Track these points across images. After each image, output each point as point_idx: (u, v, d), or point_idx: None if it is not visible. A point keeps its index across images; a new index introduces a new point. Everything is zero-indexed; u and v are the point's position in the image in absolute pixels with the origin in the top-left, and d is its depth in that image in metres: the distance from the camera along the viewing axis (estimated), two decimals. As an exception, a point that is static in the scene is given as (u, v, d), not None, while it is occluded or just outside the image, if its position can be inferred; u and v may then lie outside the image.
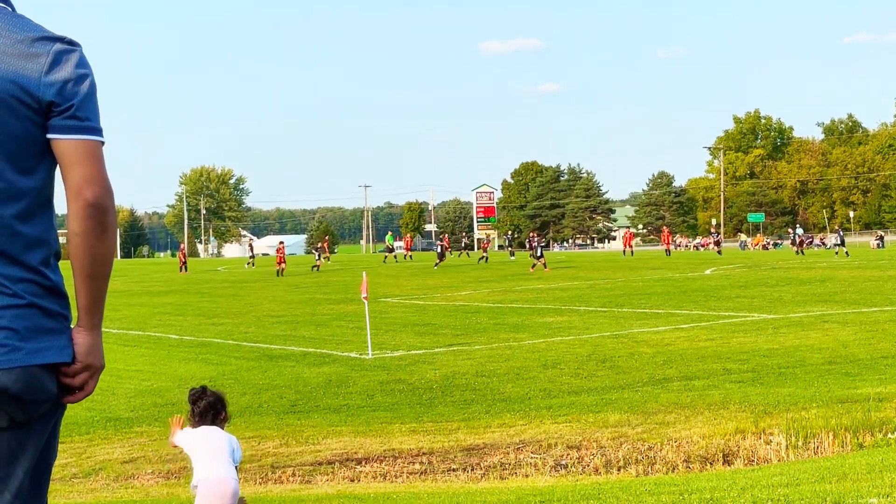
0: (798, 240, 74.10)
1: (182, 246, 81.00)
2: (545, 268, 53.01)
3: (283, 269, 59.96)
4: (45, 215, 3.26)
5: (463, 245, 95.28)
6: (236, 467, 6.81)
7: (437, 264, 62.63)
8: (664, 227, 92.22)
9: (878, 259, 57.92)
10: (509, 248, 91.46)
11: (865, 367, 18.23)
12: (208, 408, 7.03)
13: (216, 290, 46.71)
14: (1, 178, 3.16)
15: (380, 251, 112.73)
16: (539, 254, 54.71)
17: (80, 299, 3.29)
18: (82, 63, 3.23)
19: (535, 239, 59.01)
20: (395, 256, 76.70)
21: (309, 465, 12.18)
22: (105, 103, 3.33)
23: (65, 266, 3.25)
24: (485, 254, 73.29)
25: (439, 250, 68.48)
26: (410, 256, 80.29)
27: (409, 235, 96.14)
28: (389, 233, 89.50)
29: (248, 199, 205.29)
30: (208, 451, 6.77)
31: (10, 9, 3.26)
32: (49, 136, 3.18)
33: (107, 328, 28.58)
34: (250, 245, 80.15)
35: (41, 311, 3.18)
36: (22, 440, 3.19)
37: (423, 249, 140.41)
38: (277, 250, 65.18)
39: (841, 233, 68.40)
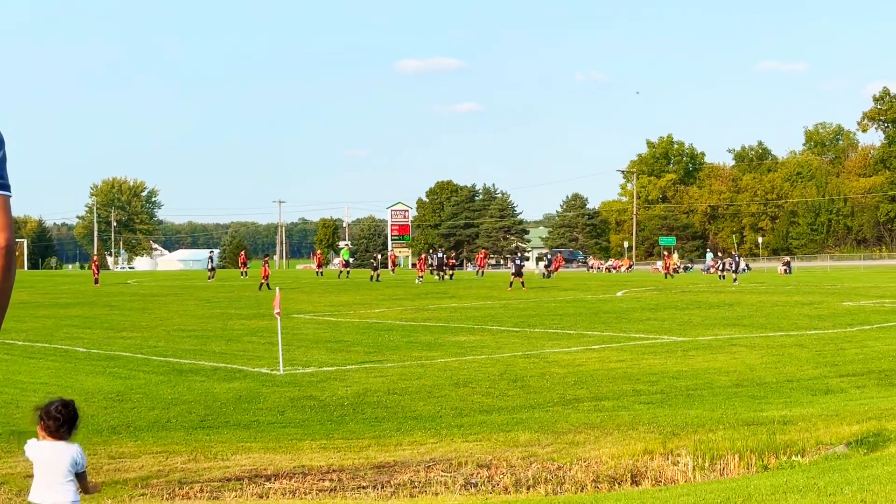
0: (724, 264, 74.27)
1: (95, 258, 79.29)
2: (523, 286, 53.24)
3: (268, 283, 55.92)
4: None
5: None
6: (83, 472, 7.01)
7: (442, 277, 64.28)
8: (559, 255, 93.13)
9: (784, 285, 58.98)
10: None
11: (771, 390, 18.55)
12: (70, 422, 7.08)
13: (126, 303, 46.08)
14: None
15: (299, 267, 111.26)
16: (517, 272, 54.86)
17: None
18: None
19: (518, 257, 59.39)
20: (349, 272, 75.89)
21: (217, 482, 12.05)
22: (14, 109, 3.47)
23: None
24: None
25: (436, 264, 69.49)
26: (321, 273, 79.92)
27: (319, 252, 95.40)
28: (345, 247, 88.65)
29: (161, 213, 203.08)
30: (46, 473, 6.97)
31: None
32: None
33: (11, 340, 28.08)
34: (210, 258, 78.41)
35: None
36: None
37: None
38: (265, 263, 61.09)
39: (727, 260, 68.64)
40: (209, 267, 74.45)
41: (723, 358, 22.93)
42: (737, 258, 66.68)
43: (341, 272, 77.22)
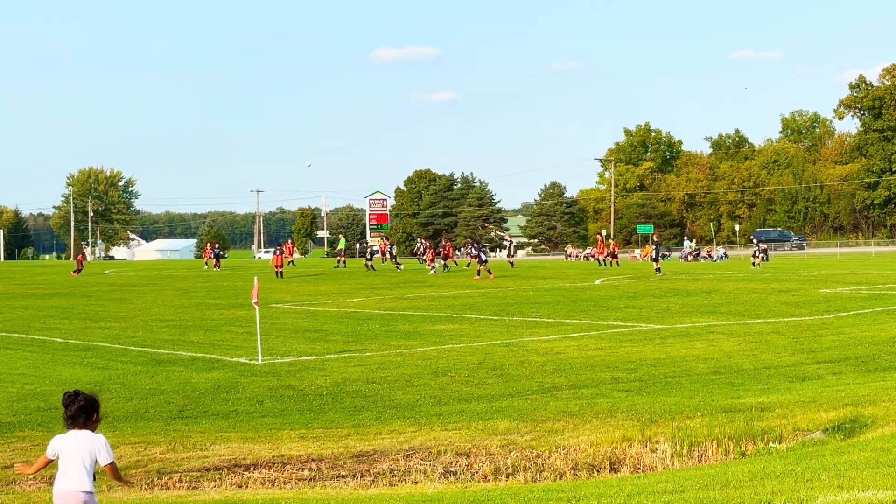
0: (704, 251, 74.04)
1: (83, 249, 79.00)
2: (490, 274, 52.79)
3: (281, 272, 57.78)
4: None
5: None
6: (112, 463, 7.26)
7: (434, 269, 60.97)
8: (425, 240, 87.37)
9: (761, 272, 59.17)
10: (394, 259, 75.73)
11: (749, 377, 18.63)
12: (80, 411, 7.32)
13: (103, 293, 45.88)
14: None
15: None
16: (483, 260, 54.42)
17: None
18: None
19: (478, 245, 58.73)
20: (345, 262, 74.63)
21: (196, 471, 12.04)
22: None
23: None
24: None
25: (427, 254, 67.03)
26: (293, 262, 79.42)
27: (290, 241, 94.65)
28: (340, 236, 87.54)
29: (138, 202, 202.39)
30: (67, 462, 7.21)
31: None
32: None
33: (-11, 331, 27.93)
34: (212, 245, 78.47)
35: None
36: None
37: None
38: (277, 252, 61.66)
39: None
40: (213, 256, 74.72)
41: (700, 345, 23.01)
42: (688, 245, 66.65)
43: (342, 261, 75.98)
